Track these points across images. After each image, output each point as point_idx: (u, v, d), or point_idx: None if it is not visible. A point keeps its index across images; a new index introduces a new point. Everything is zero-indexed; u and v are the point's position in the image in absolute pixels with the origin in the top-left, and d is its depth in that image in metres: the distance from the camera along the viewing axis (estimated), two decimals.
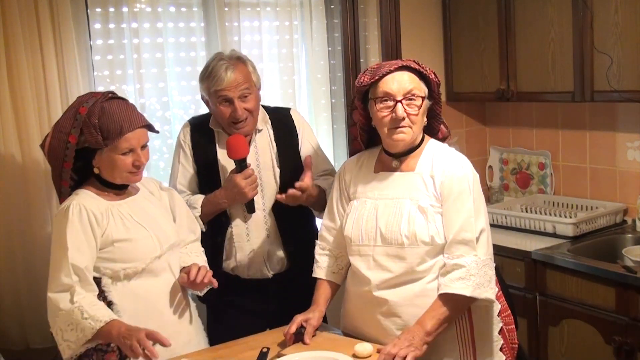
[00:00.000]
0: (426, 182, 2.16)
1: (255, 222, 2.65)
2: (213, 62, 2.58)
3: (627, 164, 3.39)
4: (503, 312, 2.28)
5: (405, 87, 2.14)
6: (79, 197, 2.18)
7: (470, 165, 2.21)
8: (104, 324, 2.03)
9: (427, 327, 2.06)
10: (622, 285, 2.78)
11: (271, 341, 2.27)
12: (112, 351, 2.12)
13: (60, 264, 2.10)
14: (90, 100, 2.18)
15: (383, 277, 2.16)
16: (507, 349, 2.26)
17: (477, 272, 2.07)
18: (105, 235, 2.15)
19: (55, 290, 2.10)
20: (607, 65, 3.03)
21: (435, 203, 2.14)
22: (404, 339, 2.04)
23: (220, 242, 2.66)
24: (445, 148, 2.25)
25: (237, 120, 2.57)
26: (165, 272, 2.28)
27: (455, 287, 2.06)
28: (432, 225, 2.12)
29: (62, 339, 2.08)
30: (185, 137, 2.71)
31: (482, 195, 2.20)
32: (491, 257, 2.16)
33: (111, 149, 2.15)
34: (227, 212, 2.64)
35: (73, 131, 2.14)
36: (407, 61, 2.19)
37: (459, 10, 3.73)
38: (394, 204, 2.17)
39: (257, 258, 2.66)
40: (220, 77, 2.52)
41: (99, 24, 3.02)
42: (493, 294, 2.12)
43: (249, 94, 2.57)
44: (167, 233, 2.30)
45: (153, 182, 2.44)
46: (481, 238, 2.12)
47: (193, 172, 2.69)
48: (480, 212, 2.15)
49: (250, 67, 2.62)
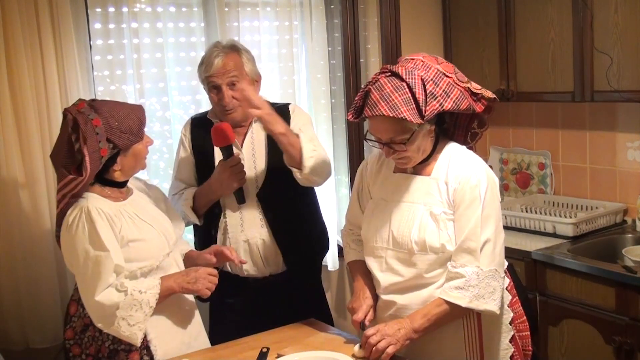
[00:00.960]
0: (440, 188, 2.11)
1: (250, 212, 2.64)
2: (208, 50, 2.64)
3: (627, 164, 3.39)
4: (517, 319, 2.23)
5: (384, 135, 2.07)
6: (90, 201, 2.16)
7: (485, 172, 2.11)
8: (161, 286, 2.16)
9: (416, 324, 2.05)
10: (622, 285, 2.78)
11: (271, 341, 2.27)
12: (135, 350, 2.17)
13: (104, 266, 2.09)
14: (86, 111, 2.14)
15: (392, 280, 2.15)
16: (519, 357, 2.23)
17: (478, 284, 2.02)
18: (121, 236, 2.16)
19: (101, 291, 2.09)
20: (607, 65, 3.03)
21: (448, 210, 2.09)
22: (390, 327, 2.05)
23: (214, 234, 2.66)
24: (462, 153, 2.17)
25: (224, 107, 2.58)
26: (173, 267, 2.30)
27: (452, 295, 2.04)
28: (444, 233, 2.08)
29: (130, 325, 2.10)
30: (186, 132, 2.75)
31: (496, 204, 2.11)
32: (498, 269, 2.08)
33: (139, 142, 2.21)
34: (220, 203, 2.64)
35: (101, 145, 2.12)
36: (381, 107, 1.99)
37: (459, 10, 3.73)
38: (408, 208, 2.14)
39: (253, 249, 2.65)
40: (209, 63, 2.57)
41: (99, 24, 3.02)
42: (495, 305, 2.06)
43: (238, 82, 2.57)
44: (169, 230, 2.34)
45: (140, 181, 2.45)
46: (485, 248, 2.05)
47: (192, 165, 2.71)
48: (489, 221, 2.07)
49: (244, 57, 2.63)
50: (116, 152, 2.17)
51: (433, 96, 2.02)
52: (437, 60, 2.13)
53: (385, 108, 1.99)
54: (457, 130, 2.25)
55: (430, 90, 2.02)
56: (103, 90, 3.04)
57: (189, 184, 2.72)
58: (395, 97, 1.99)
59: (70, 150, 2.14)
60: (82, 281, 2.14)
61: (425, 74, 2.05)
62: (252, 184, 2.65)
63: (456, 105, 2.06)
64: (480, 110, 2.14)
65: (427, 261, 2.09)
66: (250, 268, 2.67)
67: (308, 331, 2.38)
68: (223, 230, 2.66)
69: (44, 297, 2.84)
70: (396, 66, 2.08)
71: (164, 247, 2.27)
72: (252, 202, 2.64)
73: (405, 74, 2.03)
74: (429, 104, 2.01)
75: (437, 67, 2.09)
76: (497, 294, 2.07)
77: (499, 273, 2.08)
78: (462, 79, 2.12)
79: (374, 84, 2.06)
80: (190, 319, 2.37)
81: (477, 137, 2.26)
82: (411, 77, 2.02)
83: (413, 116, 1.99)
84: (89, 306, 2.12)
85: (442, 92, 2.04)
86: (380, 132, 2.07)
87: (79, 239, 2.11)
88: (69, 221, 2.13)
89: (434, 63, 2.11)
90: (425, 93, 2.01)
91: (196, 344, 2.35)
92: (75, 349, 2.25)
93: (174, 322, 2.29)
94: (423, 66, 2.07)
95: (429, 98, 2.01)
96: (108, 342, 2.20)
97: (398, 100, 1.99)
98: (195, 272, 2.23)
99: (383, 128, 2.06)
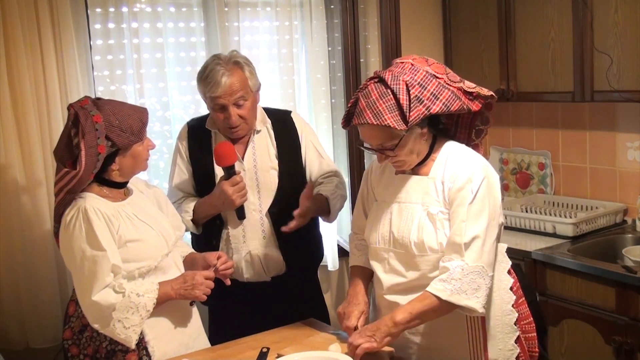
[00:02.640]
0: (437, 188, 2.11)
1: (252, 224, 2.65)
2: (210, 65, 2.56)
3: (627, 164, 3.39)
4: (523, 320, 2.21)
5: (373, 142, 2.09)
6: (88, 200, 2.16)
7: (481, 168, 2.08)
8: (158, 291, 2.16)
9: (397, 318, 2.03)
10: (622, 285, 2.78)
11: (271, 341, 2.27)
12: (132, 351, 2.17)
13: (100, 266, 2.09)
14: (89, 107, 2.15)
15: (395, 281, 2.15)
16: (525, 358, 2.21)
17: (461, 278, 1.98)
18: (119, 236, 2.16)
19: (98, 291, 2.09)
20: (607, 65, 3.03)
21: (445, 209, 2.08)
22: (371, 326, 2.07)
23: (216, 244, 2.66)
24: (460, 151, 2.14)
25: (231, 126, 2.58)
26: (172, 268, 2.30)
27: (434, 287, 2.01)
28: (441, 233, 2.07)
29: (125, 328, 2.10)
30: (182, 140, 2.73)
31: (491, 201, 2.07)
32: (485, 267, 2.02)
33: (139, 143, 2.20)
34: (221, 215, 2.64)
35: (99, 141, 2.11)
36: (366, 115, 2.02)
37: (459, 10, 3.73)
38: (407, 208, 2.14)
39: (254, 259, 2.66)
40: (215, 83, 2.51)
41: (99, 24, 3.03)
42: (478, 303, 1.99)
43: (244, 101, 2.56)
44: (169, 230, 2.33)
45: (140, 181, 2.45)
46: (473, 244, 2.01)
47: (189, 174, 2.70)
48: (479, 217, 2.03)
49: (247, 72, 2.58)
50: (115, 152, 2.17)
51: (419, 100, 2.01)
52: (427, 62, 2.11)
53: (370, 116, 2.02)
54: (460, 129, 2.24)
55: (415, 95, 2.01)
56: (103, 90, 3.04)
57: (188, 193, 2.71)
58: (380, 105, 2.01)
59: (69, 144, 2.14)
60: (78, 281, 2.14)
61: (412, 78, 2.03)
62: (253, 197, 2.64)
63: (446, 107, 2.05)
64: (477, 109, 2.12)
65: (429, 262, 2.09)
66: (251, 276, 2.68)
67: (308, 331, 2.38)
68: (225, 241, 2.66)
69: (44, 297, 2.84)
70: (384, 71, 2.07)
71: (163, 247, 2.26)
72: (254, 212, 2.65)
73: (390, 79, 2.02)
74: (413, 110, 2.00)
75: (427, 69, 2.08)
76: (482, 292, 2.00)
77: (486, 271, 2.02)
78: (454, 79, 2.10)
79: (362, 90, 2.07)
80: (190, 320, 2.36)
81: (482, 134, 2.23)
82: (396, 83, 2.02)
83: (397, 123, 1.99)
84: (85, 306, 2.12)
85: (430, 94, 2.03)
86: (369, 139, 2.09)
87: (76, 238, 2.11)
88: (67, 220, 2.13)
89: (423, 65, 2.09)
90: (409, 98, 2.01)
91: (196, 345, 2.35)
92: (73, 349, 2.25)
93: (173, 323, 2.29)
94: (410, 70, 2.06)
95: (413, 103, 2.01)
96: (105, 342, 2.19)
97: (382, 107, 2.00)
98: (192, 280, 2.23)
99: (371, 135, 2.07)
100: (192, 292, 2.22)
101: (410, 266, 2.11)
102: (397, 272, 2.15)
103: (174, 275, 2.27)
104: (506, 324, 2.16)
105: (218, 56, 2.61)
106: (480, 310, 2.01)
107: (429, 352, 2.15)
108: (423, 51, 3.71)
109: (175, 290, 2.21)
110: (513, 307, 2.18)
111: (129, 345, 2.13)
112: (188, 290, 2.22)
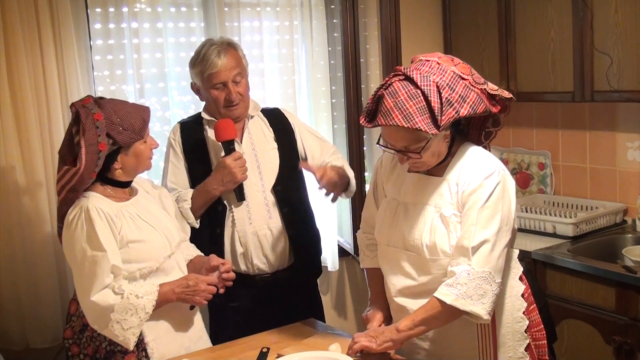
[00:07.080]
0: (451, 190, 2.04)
1: (256, 205, 2.66)
2: (204, 48, 2.62)
3: (627, 164, 3.39)
4: (533, 327, 2.16)
5: (398, 143, 2.00)
6: (91, 200, 2.16)
7: (497, 173, 2.01)
8: (158, 293, 2.16)
9: (401, 325, 2.01)
10: (622, 285, 2.78)
11: (271, 341, 2.28)
12: (132, 352, 2.17)
13: (100, 266, 2.09)
14: (90, 106, 2.16)
15: (405, 284, 2.10)
16: None
17: (467, 283, 1.93)
18: (121, 236, 2.16)
19: (97, 291, 2.09)
20: (607, 65, 3.03)
21: (458, 212, 2.03)
22: (373, 331, 2.07)
23: (220, 233, 2.66)
24: (477, 153, 2.08)
25: (231, 103, 2.60)
26: (175, 270, 2.30)
27: (440, 291, 1.97)
28: (454, 236, 2.01)
29: (124, 329, 2.10)
30: (175, 135, 2.74)
31: (505, 206, 2.00)
32: (492, 272, 1.96)
33: (141, 142, 2.20)
34: (222, 201, 2.64)
35: (100, 139, 2.12)
36: (395, 116, 1.92)
37: (459, 10, 3.73)
38: (419, 209, 2.07)
39: (262, 241, 2.66)
40: (213, 61, 2.57)
41: (99, 24, 3.03)
42: (483, 309, 1.94)
43: (242, 78, 2.63)
44: (173, 231, 2.33)
45: (146, 182, 2.45)
46: (482, 249, 1.96)
47: (184, 169, 2.71)
48: (491, 221, 1.97)
49: (240, 53, 2.67)
50: (117, 150, 2.17)
51: (449, 103, 1.94)
52: (453, 62, 2.03)
53: (399, 118, 1.91)
54: (471, 130, 2.18)
55: (446, 97, 1.93)
56: (103, 90, 3.04)
57: (181, 188, 2.71)
58: (410, 106, 1.91)
59: (70, 143, 2.15)
60: (78, 280, 2.14)
61: (441, 79, 1.95)
62: (255, 178, 2.65)
63: (473, 110, 1.98)
64: (497, 111, 2.08)
65: (441, 266, 2.03)
66: (259, 262, 2.68)
67: (308, 331, 2.38)
68: (231, 227, 2.66)
69: (44, 297, 2.84)
70: (410, 69, 1.98)
71: (165, 248, 2.26)
72: (257, 193, 2.65)
73: (420, 79, 1.93)
74: (444, 113, 1.93)
75: (453, 69, 2.00)
76: (488, 298, 1.95)
77: (493, 277, 1.96)
78: (479, 81, 2.03)
79: (387, 88, 1.97)
80: (191, 323, 2.36)
81: (491, 136, 2.19)
82: (426, 84, 1.93)
83: (428, 126, 1.91)
84: (85, 306, 2.12)
85: (459, 97, 1.96)
86: (395, 140, 2.00)
87: (77, 237, 2.11)
88: (69, 219, 2.14)
89: (450, 65, 2.01)
90: (441, 101, 1.93)
91: (197, 347, 2.34)
92: (74, 348, 2.25)
93: (174, 325, 2.29)
94: (438, 69, 1.98)
95: (444, 106, 1.93)
96: (105, 343, 2.19)
97: (413, 109, 1.91)
98: (195, 285, 2.23)
99: (397, 137, 1.99)
100: (193, 297, 2.22)
101: (422, 269, 2.06)
102: (406, 274, 2.10)
103: (176, 277, 2.27)
104: (517, 332, 2.11)
105: (210, 40, 2.68)
106: (485, 317, 1.96)
107: (437, 358, 2.12)
108: (423, 51, 3.69)
109: (177, 293, 2.21)
110: (524, 315, 2.12)
111: (127, 346, 2.13)
112: (190, 295, 2.22)
